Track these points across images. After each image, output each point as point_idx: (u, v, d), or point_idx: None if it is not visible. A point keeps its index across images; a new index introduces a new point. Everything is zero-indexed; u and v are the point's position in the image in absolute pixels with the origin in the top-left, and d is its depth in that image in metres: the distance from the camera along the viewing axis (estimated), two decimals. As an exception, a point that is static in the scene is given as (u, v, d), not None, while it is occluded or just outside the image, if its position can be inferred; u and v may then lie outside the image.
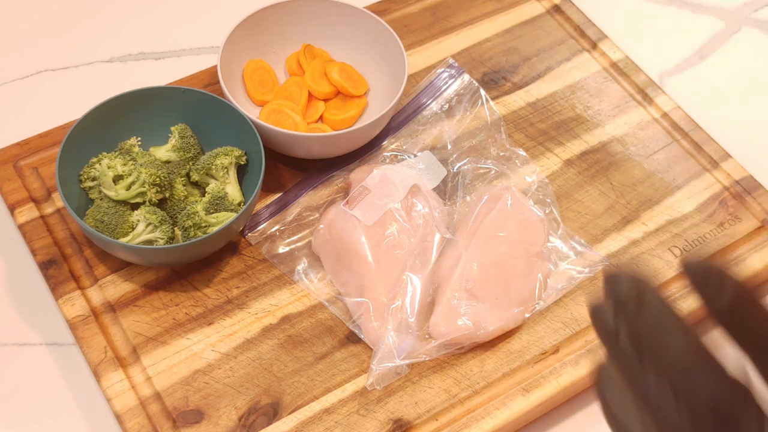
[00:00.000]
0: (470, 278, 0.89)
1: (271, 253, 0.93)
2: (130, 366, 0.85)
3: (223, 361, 0.87)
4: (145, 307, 0.89)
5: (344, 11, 1.04)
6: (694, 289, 0.49)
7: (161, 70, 1.10)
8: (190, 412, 0.83)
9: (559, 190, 1.01)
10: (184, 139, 0.94)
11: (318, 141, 0.95)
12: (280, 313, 0.90)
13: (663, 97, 1.09)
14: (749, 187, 1.02)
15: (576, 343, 0.90)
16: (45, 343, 0.89)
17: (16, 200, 0.95)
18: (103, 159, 0.91)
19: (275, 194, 0.98)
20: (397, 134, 1.02)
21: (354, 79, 1.03)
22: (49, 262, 0.91)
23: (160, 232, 0.88)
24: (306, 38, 1.06)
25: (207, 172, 0.92)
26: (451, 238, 0.92)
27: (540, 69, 1.11)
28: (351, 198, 0.94)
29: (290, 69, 1.05)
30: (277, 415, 0.84)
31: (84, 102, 0.95)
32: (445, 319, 0.87)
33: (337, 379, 0.86)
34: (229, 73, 0.99)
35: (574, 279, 0.93)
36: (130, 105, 0.94)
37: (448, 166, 1.00)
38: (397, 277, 0.89)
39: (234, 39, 0.99)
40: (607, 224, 0.98)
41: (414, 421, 0.84)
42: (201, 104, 0.95)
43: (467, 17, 1.15)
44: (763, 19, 1.24)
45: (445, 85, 1.06)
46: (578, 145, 1.05)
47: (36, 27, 1.14)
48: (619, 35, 1.15)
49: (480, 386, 0.87)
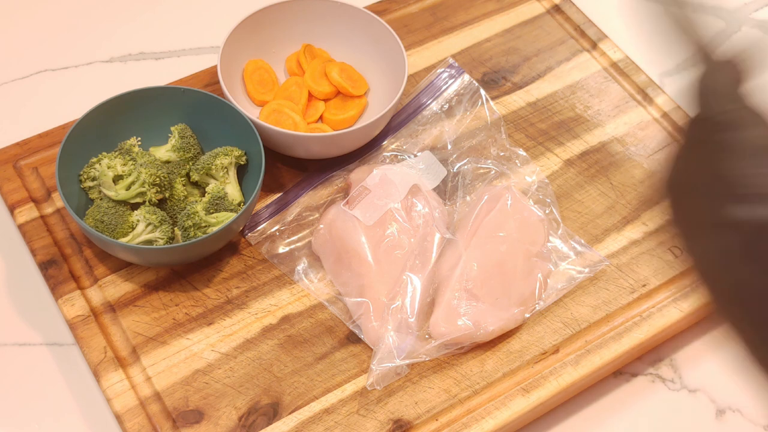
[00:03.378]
0: (470, 278, 0.89)
1: (271, 253, 0.93)
2: (130, 366, 0.85)
3: (223, 361, 0.87)
4: (145, 307, 0.89)
5: (344, 11, 1.04)
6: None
7: (161, 70, 1.10)
8: (190, 412, 0.83)
9: (559, 190, 1.01)
10: (184, 139, 0.94)
11: (318, 141, 0.95)
12: (280, 313, 0.90)
13: (663, 97, 1.09)
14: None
15: (576, 343, 0.90)
16: (45, 343, 0.89)
17: (16, 200, 0.95)
18: (103, 159, 0.91)
19: (275, 194, 0.98)
20: (397, 134, 1.02)
21: (354, 79, 1.03)
22: (49, 262, 0.91)
23: (160, 232, 0.88)
24: (306, 38, 1.06)
25: (207, 172, 0.92)
26: (451, 238, 0.92)
27: (540, 69, 1.11)
28: (351, 198, 0.94)
29: (290, 69, 1.05)
30: (277, 415, 0.84)
31: (84, 102, 0.95)
32: (445, 319, 0.87)
33: (337, 379, 0.86)
34: (229, 73, 0.99)
35: (574, 279, 0.93)
36: (130, 105, 0.94)
37: (448, 166, 1.00)
38: (397, 277, 0.89)
39: (234, 39, 0.99)
40: (607, 224, 0.98)
41: (414, 421, 0.84)
42: (201, 104, 0.95)
43: (467, 17, 1.15)
44: (763, 19, 1.24)
45: (445, 85, 1.06)
46: (578, 145, 1.05)
47: (36, 27, 1.14)
48: (619, 35, 1.15)
49: (480, 386, 0.87)
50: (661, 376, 0.93)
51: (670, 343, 0.94)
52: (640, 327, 0.91)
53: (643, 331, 0.91)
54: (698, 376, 0.93)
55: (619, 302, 0.93)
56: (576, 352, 0.89)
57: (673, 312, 0.92)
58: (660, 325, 0.91)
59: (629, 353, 0.90)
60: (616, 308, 0.92)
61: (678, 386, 0.92)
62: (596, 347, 0.89)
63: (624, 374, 0.92)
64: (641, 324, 0.91)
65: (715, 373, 0.93)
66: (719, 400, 0.92)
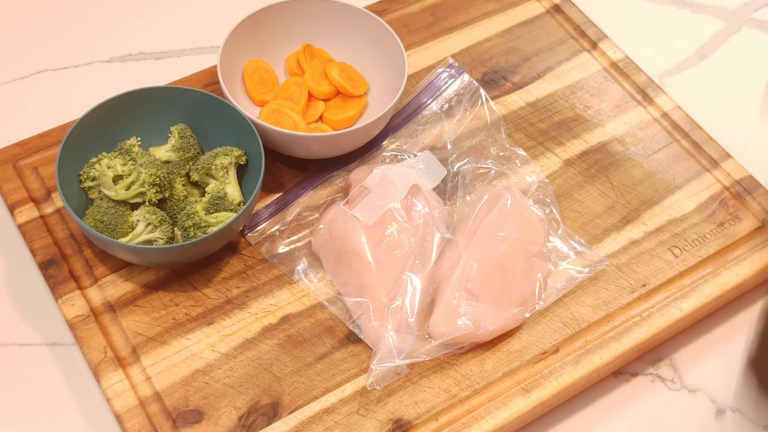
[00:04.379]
0: (470, 278, 0.89)
1: (271, 253, 0.93)
2: (130, 366, 0.85)
3: (222, 361, 0.87)
4: (145, 307, 0.89)
5: (344, 11, 1.04)
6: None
7: (161, 70, 1.10)
8: (189, 412, 0.83)
9: (559, 190, 1.01)
10: (184, 139, 0.94)
11: (318, 141, 0.95)
12: (280, 313, 0.90)
13: (663, 97, 1.09)
14: (749, 187, 1.02)
15: (576, 343, 0.90)
16: (45, 343, 0.89)
17: (16, 200, 0.95)
18: (103, 159, 0.91)
19: (275, 194, 0.98)
20: (397, 134, 1.02)
21: (354, 79, 1.03)
22: (48, 262, 0.91)
23: (159, 232, 0.88)
24: (306, 38, 1.06)
25: (207, 172, 0.92)
26: (451, 238, 0.92)
27: (540, 69, 1.11)
28: (351, 198, 0.94)
29: (290, 69, 1.05)
30: (277, 415, 0.84)
31: (84, 102, 0.95)
32: (445, 319, 0.87)
33: (337, 379, 0.86)
34: (229, 73, 0.99)
35: (574, 279, 0.93)
36: (129, 105, 0.94)
37: (448, 166, 1.00)
38: (397, 277, 0.89)
39: (234, 39, 0.99)
40: (607, 224, 0.98)
41: (414, 421, 0.84)
42: (201, 104, 0.95)
43: (467, 17, 1.15)
44: (763, 19, 1.24)
45: (445, 85, 1.06)
46: (578, 145, 1.05)
47: (36, 27, 1.14)
48: (619, 35, 1.15)
49: (480, 386, 0.87)
50: (661, 376, 0.93)
51: (670, 343, 0.94)
52: (640, 327, 0.91)
53: (643, 331, 0.91)
54: (698, 376, 0.93)
55: (619, 302, 0.93)
56: (576, 352, 0.89)
57: (673, 312, 0.92)
58: (660, 325, 0.91)
59: (629, 353, 0.90)
60: (616, 308, 0.92)
61: (678, 386, 0.92)
62: (596, 347, 0.89)
63: (624, 374, 0.92)
64: (641, 324, 0.91)
65: (715, 373, 0.93)
66: (719, 400, 0.92)
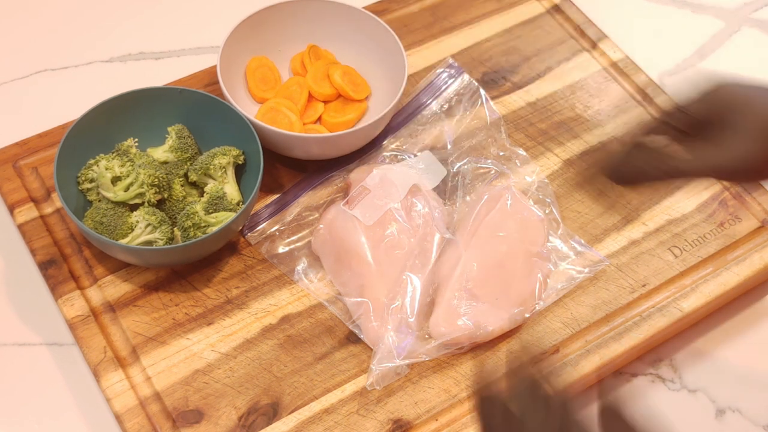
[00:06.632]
0: (470, 278, 0.89)
1: (271, 253, 0.93)
2: (130, 366, 0.85)
3: (222, 361, 0.87)
4: (144, 307, 0.89)
5: (344, 11, 1.04)
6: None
7: (161, 70, 1.10)
8: (189, 412, 0.83)
9: (559, 190, 1.01)
10: (182, 140, 0.94)
11: (317, 142, 0.95)
12: (279, 313, 0.90)
13: (663, 97, 1.09)
14: (749, 187, 1.02)
15: (576, 343, 0.90)
16: (45, 343, 0.89)
17: (16, 200, 0.95)
18: (101, 160, 0.91)
19: (275, 194, 0.98)
20: (397, 134, 1.02)
21: (356, 83, 1.03)
22: (48, 262, 0.91)
23: (159, 232, 0.88)
24: (312, 39, 1.06)
25: (205, 172, 0.92)
26: (451, 238, 0.92)
27: (540, 69, 1.11)
28: (351, 198, 0.94)
29: (294, 68, 1.05)
30: (276, 415, 0.84)
31: (83, 102, 0.95)
32: (445, 319, 0.87)
33: (337, 379, 0.86)
34: (229, 71, 0.99)
35: (574, 279, 0.93)
36: (126, 106, 0.94)
37: (448, 166, 1.00)
38: (397, 277, 0.89)
39: (234, 39, 0.99)
40: (607, 224, 0.98)
41: (414, 421, 0.84)
42: (198, 104, 0.95)
43: (467, 17, 1.15)
44: (763, 19, 1.24)
45: (444, 85, 1.06)
46: (578, 145, 1.05)
47: (35, 27, 1.14)
48: (619, 35, 1.15)
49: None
50: (661, 376, 0.93)
51: (670, 343, 0.94)
52: (640, 327, 0.91)
53: (643, 331, 0.91)
54: (698, 376, 0.93)
55: (619, 302, 0.93)
56: (576, 352, 0.89)
57: (673, 312, 0.92)
58: (660, 325, 0.91)
59: (629, 353, 0.90)
60: (616, 308, 0.92)
61: (678, 386, 0.92)
62: (596, 347, 0.89)
63: (624, 374, 0.92)
64: (641, 324, 0.91)
65: (715, 373, 0.93)
66: (719, 400, 0.92)
